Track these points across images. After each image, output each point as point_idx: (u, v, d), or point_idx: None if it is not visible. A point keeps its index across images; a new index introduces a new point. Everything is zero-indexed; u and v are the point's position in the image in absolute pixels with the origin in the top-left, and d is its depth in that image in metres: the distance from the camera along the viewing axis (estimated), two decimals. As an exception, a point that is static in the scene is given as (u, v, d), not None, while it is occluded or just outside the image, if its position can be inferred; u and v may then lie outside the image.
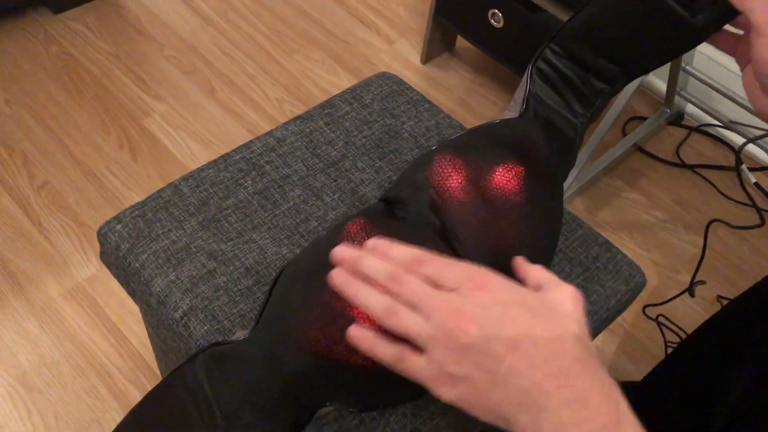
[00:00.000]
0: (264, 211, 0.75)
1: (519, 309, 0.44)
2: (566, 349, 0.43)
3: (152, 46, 1.71)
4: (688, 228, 1.51)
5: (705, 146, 1.67)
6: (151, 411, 0.56)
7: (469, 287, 0.45)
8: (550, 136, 0.64)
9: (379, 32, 1.82)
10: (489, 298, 0.44)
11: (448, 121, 0.87)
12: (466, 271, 0.46)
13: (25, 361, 1.19)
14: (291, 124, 0.84)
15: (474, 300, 0.44)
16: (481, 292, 0.44)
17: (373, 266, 0.47)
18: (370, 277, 0.47)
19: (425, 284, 0.45)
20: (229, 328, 0.67)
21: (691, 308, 1.38)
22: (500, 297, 0.44)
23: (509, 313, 0.43)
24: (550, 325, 0.44)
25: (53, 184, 1.43)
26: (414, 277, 0.46)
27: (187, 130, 1.55)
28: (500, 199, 0.58)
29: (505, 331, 0.43)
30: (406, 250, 0.48)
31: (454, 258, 0.54)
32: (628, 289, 0.76)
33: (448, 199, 0.58)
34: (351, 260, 0.49)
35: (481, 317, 0.43)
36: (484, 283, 0.45)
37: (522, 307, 0.44)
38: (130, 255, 0.72)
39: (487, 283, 0.45)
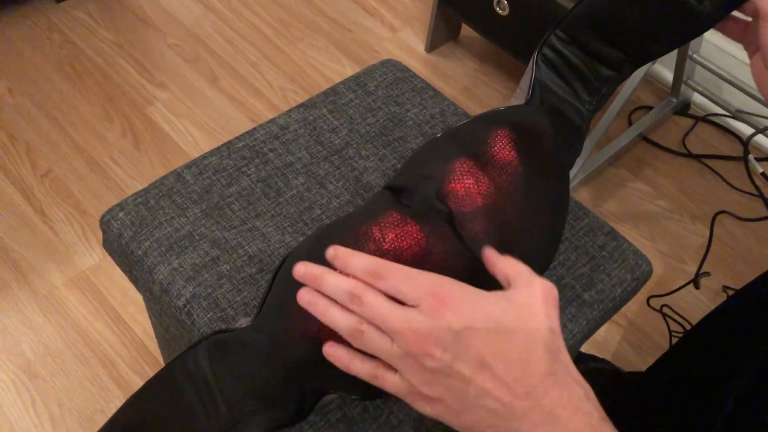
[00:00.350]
0: (267, 198, 0.75)
1: (484, 325, 0.42)
2: (535, 364, 0.42)
3: (155, 34, 1.71)
4: (694, 218, 1.50)
5: (711, 136, 1.66)
6: (152, 398, 0.56)
7: (430, 305, 0.43)
8: (556, 123, 0.63)
9: (383, 21, 1.81)
10: (452, 317, 0.42)
11: (452, 108, 0.86)
12: (426, 285, 0.44)
13: (29, 350, 1.19)
14: (294, 111, 0.83)
15: (436, 320, 0.42)
16: (444, 309, 0.42)
17: (333, 285, 0.46)
18: None
19: (386, 302, 0.44)
20: (233, 316, 0.67)
21: (697, 299, 1.38)
22: (464, 314, 0.42)
23: (474, 331, 0.42)
24: (517, 338, 0.42)
25: (56, 172, 1.42)
26: (374, 293, 0.44)
27: (190, 118, 1.54)
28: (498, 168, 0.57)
29: (471, 352, 0.41)
30: (366, 259, 0.46)
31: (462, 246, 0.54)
32: (634, 278, 0.76)
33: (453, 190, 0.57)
34: (312, 279, 0.47)
35: (445, 339, 0.42)
36: (446, 300, 0.43)
37: (487, 322, 0.42)
38: (133, 243, 0.72)
39: (449, 300, 0.43)
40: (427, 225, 0.55)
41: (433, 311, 0.42)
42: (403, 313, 0.43)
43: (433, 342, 0.42)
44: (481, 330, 0.42)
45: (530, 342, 0.42)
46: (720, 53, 1.59)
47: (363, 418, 0.62)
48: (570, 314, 0.71)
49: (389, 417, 0.62)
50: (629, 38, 0.61)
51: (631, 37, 0.61)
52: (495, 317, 0.43)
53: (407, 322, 0.43)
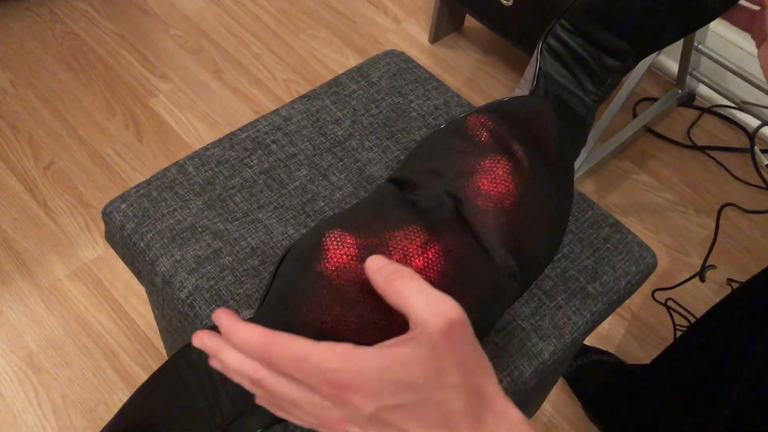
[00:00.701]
0: (270, 190, 0.74)
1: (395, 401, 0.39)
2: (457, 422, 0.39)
3: (158, 25, 1.70)
4: (699, 210, 1.49)
5: (716, 128, 1.65)
6: (157, 391, 0.56)
7: (330, 394, 0.40)
8: (560, 114, 0.62)
9: (387, 11, 1.80)
10: (359, 401, 0.39)
11: (456, 99, 0.85)
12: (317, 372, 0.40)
13: (32, 342, 1.19)
14: (297, 102, 0.83)
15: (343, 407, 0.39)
16: (346, 396, 0.39)
17: (232, 365, 0.43)
18: None
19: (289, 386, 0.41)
20: (235, 308, 0.66)
21: (701, 291, 1.37)
22: (369, 394, 0.39)
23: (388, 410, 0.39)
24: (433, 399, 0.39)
25: (59, 164, 1.42)
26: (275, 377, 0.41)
27: (193, 110, 1.54)
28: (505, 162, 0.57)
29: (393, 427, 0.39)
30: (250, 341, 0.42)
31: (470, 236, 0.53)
32: (639, 271, 0.75)
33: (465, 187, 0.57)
34: (213, 353, 0.44)
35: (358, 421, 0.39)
36: (344, 386, 0.39)
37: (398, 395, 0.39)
38: (135, 234, 0.72)
39: (346, 385, 0.39)
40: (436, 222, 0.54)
41: (336, 399, 0.39)
42: (310, 398, 0.40)
43: (348, 423, 0.40)
44: (392, 405, 0.39)
45: (447, 400, 0.39)
46: (726, 44, 1.58)
47: (366, 411, 0.61)
48: (574, 307, 0.70)
49: (392, 409, 0.62)
50: (634, 29, 0.61)
51: (635, 27, 0.60)
52: (402, 385, 0.39)
53: (317, 407, 0.40)
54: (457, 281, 0.52)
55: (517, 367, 0.66)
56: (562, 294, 0.71)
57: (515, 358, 0.67)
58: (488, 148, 0.57)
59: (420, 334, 0.40)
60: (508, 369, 0.66)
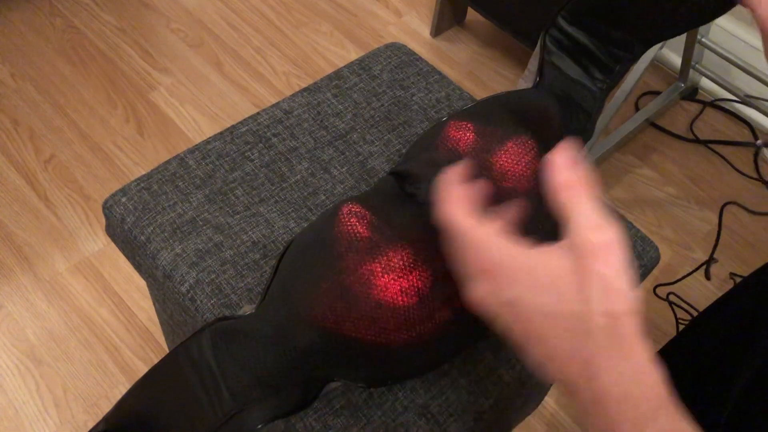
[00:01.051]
0: (271, 184, 0.74)
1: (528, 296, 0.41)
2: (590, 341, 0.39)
3: (158, 18, 1.69)
4: (701, 204, 1.49)
5: (719, 121, 1.64)
6: (157, 384, 0.55)
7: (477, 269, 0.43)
8: (565, 105, 0.62)
9: (388, 5, 1.79)
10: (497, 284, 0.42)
11: (458, 92, 0.85)
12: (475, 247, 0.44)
13: (33, 335, 1.19)
14: (298, 95, 0.82)
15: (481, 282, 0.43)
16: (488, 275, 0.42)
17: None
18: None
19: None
20: (236, 302, 0.66)
21: (704, 286, 1.37)
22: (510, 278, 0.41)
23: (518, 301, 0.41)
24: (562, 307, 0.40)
25: (60, 158, 1.42)
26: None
27: (194, 103, 1.53)
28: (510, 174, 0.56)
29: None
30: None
31: None
32: (642, 265, 0.75)
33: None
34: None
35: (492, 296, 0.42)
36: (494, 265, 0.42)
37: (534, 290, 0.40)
38: (136, 228, 0.71)
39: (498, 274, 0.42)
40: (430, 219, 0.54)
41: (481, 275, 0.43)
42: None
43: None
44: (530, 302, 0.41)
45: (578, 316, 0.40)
46: (729, 37, 1.57)
47: (367, 405, 0.61)
48: (577, 301, 0.70)
49: (394, 403, 0.62)
50: (637, 23, 0.60)
51: (639, 22, 0.60)
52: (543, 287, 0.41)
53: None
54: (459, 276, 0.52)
55: (519, 360, 0.66)
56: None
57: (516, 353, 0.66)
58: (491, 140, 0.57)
59: (573, 245, 0.40)
60: (510, 362, 0.65)
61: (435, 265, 0.51)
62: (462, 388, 0.63)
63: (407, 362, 0.55)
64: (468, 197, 0.46)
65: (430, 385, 0.63)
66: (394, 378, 0.60)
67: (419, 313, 0.51)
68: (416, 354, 0.54)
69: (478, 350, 0.65)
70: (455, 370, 0.64)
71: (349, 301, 0.50)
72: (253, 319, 0.53)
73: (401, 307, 0.50)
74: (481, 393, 0.64)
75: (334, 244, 0.52)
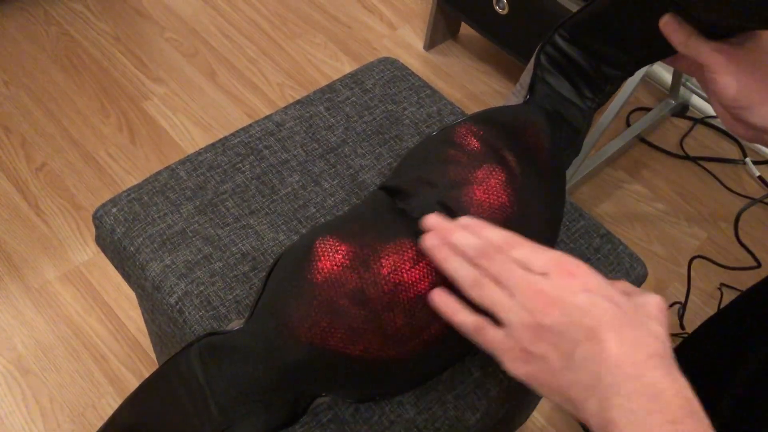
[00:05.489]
0: (262, 196, 0.74)
1: (605, 301, 0.43)
2: (645, 344, 0.42)
3: (153, 28, 1.70)
4: (691, 220, 1.50)
5: (709, 138, 1.65)
6: (148, 400, 0.55)
7: (557, 273, 0.45)
8: (555, 121, 0.62)
9: (383, 18, 1.80)
10: (577, 286, 0.44)
11: (449, 107, 0.85)
12: (556, 257, 0.46)
13: (20, 344, 1.19)
14: (290, 108, 0.83)
15: (561, 285, 0.44)
16: (570, 279, 0.44)
17: (465, 239, 0.48)
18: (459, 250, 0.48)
19: (515, 262, 0.46)
20: (225, 314, 0.66)
21: (693, 303, 1.37)
22: (588, 286, 0.44)
23: (595, 302, 0.43)
24: (632, 321, 0.43)
25: (51, 166, 1.41)
26: (503, 255, 0.46)
27: (187, 113, 1.54)
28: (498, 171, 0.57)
29: (587, 319, 0.43)
30: (499, 231, 0.48)
31: None
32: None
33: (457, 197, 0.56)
34: (443, 229, 0.49)
35: (566, 302, 0.43)
36: (573, 271, 0.45)
37: (608, 300, 0.44)
38: (126, 239, 0.71)
39: (576, 271, 0.45)
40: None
41: (559, 277, 0.44)
42: (531, 275, 0.45)
43: (553, 302, 0.43)
44: (602, 304, 0.43)
45: (643, 328, 0.43)
46: (719, 55, 1.58)
47: (354, 419, 0.61)
48: (564, 317, 0.70)
49: (381, 418, 0.62)
50: (634, 43, 0.60)
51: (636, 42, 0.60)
52: (617, 300, 0.44)
53: (534, 282, 0.44)
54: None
55: (506, 375, 0.66)
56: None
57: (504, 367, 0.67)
58: (481, 157, 0.57)
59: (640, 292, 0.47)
60: (498, 377, 0.66)
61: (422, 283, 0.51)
62: (449, 403, 0.63)
63: (395, 378, 0.56)
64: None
65: (417, 400, 0.63)
66: (382, 393, 0.60)
67: (407, 331, 0.51)
68: (404, 370, 0.54)
69: (465, 365, 0.65)
70: (442, 385, 0.64)
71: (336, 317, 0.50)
72: (242, 335, 0.53)
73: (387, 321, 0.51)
74: (468, 407, 0.64)
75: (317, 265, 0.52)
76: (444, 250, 0.48)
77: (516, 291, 0.45)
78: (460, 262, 0.48)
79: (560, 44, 0.62)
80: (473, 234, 0.48)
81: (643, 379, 0.41)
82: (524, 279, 0.45)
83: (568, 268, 0.45)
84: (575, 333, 0.43)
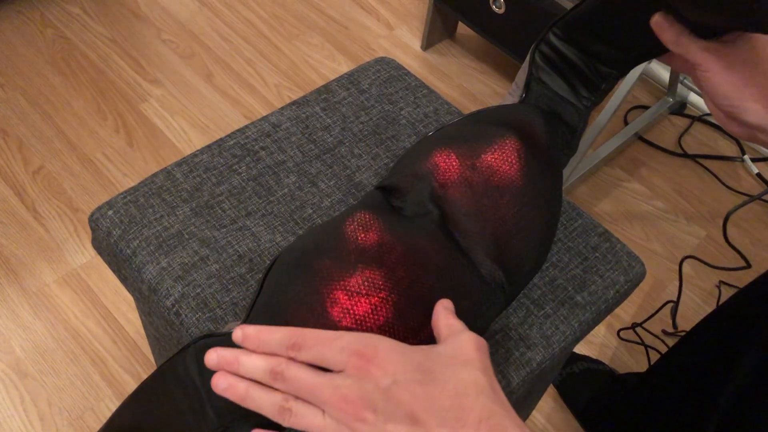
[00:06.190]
0: (258, 197, 0.74)
1: (412, 377, 0.41)
2: (470, 409, 0.40)
3: (149, 30, 1.69)
4: (689, 218, 1.49)
5: (707, 136, 1.65)
6: (144, 403, 0.55)
7: (355, 365, 0.42)
8: (550, 122, 0.62)
9: (380, 18, 1.80)
10: (379, 373, 0.41)
11: (446, 107, 0.85)
12: (347, 344, 0.43)
13: (18, 348, 1.18)
14: (287, 109, 0.83)
15: (364, 381, 0.41)
16: (369, 367, 0.41)
17: (251, 366, 0.45)
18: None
19: (310, 372, 0.43)
20: (222, 316, 0.66)
21: (689, 299, 1.37)
22: (390, 368, 0.41)
23: (402, 385, 0.41)
24: (448, 385, 0.41)
25: (48, 169, 1.41)
26: (296, 366, 0.44)
27: (184, 115, 1.53)
28: (497, 177, 0.57)
29: (402, 408, 0.40)
30: (280, 333, 0.45)
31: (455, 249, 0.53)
32: (627, 280, 0.75)
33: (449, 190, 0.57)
34: (227, 364, 0.46)
35: (374, 400, 0.41)
36: (370, 357, 0.42)
37: (414, 372, 0.41)
38: (122, 241, 0.71)
39: (373, 356, 0.42)
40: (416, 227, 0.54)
41: (359, 372, 0.41)
42: (329, 381, 0.42)
43: (363, 405, 0.41)
44: (409, 382, 0.41)
45: (462, 387, 0.41)
46: (716, 53, 1.58)
47: (352, 421, 0.61)
48: (562, 316, 0.70)
49: (379, 419, 0.61)
50: (629, 41, 0.60)
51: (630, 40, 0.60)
52: (423, 367, 0.42)
53: (335, 389, 0.42)
54: (443, 294, 0.52)
55: (504, 376, 0.66)
56: (551, 303, 0.71)
57: (503, 367, 0.66)
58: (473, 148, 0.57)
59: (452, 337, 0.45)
60: (497, 377, 0.65)
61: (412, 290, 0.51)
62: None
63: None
64: None
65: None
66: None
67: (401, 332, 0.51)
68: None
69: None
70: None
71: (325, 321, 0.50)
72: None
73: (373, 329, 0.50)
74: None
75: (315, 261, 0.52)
76: (240, 388, 0.45)
77: (323, 405, 0.42)
78: (259, 393, 0.45)
79: (555, 42, 0.62)
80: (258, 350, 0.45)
81: None
82: (325, 389, 0.42)
83: (365, 354, 0.42)
84: (396, 427, 0.40)
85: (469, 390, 0.41)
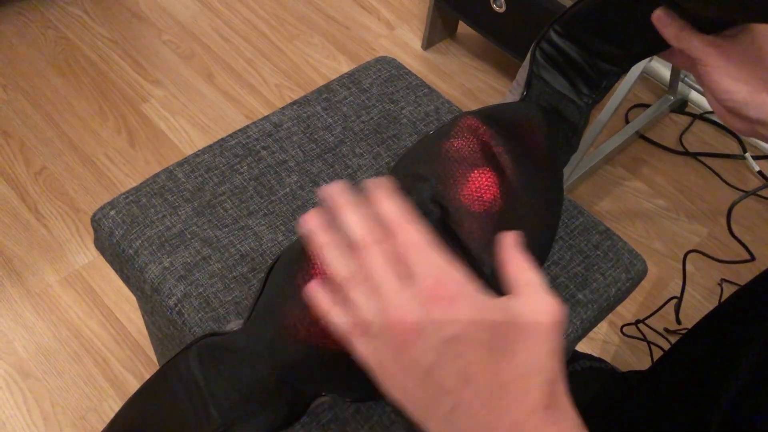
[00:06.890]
0: (260, 197, 0.74)
1: (480, 336, 0.37)
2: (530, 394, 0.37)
3: (150, 30, 1.70)
4: (691, 217, 1.49)
5: (708, 134, 1.65)
6: (148, 401, 0.55)
7: (430, 295, 0.38)
8: (551, 120, 0.62)
9: (380, 17, 1.80)
10: (450, 316, 0.37)
11: (447, 106, 0.85)
12: (436, 272, 0.39)
13: (21, 348, 1.18)
14: (288, 109, 0.83)
15: (429, 313, 0.38)
16: (442, 304, 0.38)
17: (349, 221, 0.42)
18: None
19: (385, 269, 0.40)
20: (224, 316, 0.66)
21: (693, 298, 1.37)
22: (461, 316, 0.38)
23: (467, 341, 0.37)
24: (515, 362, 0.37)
25: (50, 170, 1.41)
26: (378, 254, 0.40)
27: (186, 115, 1.54)
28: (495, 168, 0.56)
29: (457, 363, 0.37)
30: (397, 208, 0.41)
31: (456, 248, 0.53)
32: (629, 278, 0.75)
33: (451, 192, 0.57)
34: (333, 204, 0.43)
35: (431, 337, 0.37)
36: (447, 294, 0.38)
37: (485, 332, 0.38)
38: (124, 241, 0.71)
39: (449, 295, 0.38)
40: None
41: (429, 301, 0.38)
42: (395, 291, 0.39)
43: (416, 335, 0.37)
44: (475, 341, 0.37)
45: (526, 368, 0.38)
46: (717, 51, 1.58)
47: (355, 419, 0.61)
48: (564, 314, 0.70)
49: (381, 417, 0.62)
50: (628, 37, 0.60)
51: (631, 37, 0.60)
52: (495, 331, 0.38)
53: (396, 303, 0.38)
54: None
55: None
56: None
57: (505, 365, 0.66)
58: (475, 154, 0.57)
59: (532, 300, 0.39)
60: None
61: None
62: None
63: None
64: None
65: (418, 399, 0.63)
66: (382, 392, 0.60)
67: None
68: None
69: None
70: (443, 384, 0.64)
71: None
72: (240, 336, 0.53)
73: None
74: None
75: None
76: (322, 236, 0.43)
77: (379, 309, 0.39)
78: (336, 253, 0.42)
79: (555, 40, 0.62)
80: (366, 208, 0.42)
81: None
82: (389, 298, 0.38)
83: (445, 290, 0.38)
84: (443, 379, 0.37)
85: (535, 373, 0.38)
